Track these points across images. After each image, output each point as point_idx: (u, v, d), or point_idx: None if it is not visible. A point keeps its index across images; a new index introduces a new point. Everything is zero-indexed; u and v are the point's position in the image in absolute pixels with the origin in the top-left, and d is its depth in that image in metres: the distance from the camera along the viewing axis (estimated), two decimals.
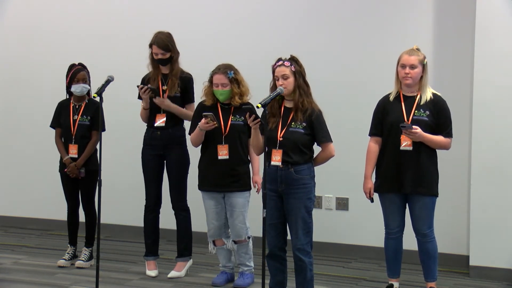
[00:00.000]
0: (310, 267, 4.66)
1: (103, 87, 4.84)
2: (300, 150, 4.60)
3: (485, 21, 5.59)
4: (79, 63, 5.84)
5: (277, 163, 4.59)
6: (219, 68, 5.15)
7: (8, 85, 7.53)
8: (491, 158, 5.60)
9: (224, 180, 5.14)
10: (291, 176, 4.59)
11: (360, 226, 6.23)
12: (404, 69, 4.85)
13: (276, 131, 4.62)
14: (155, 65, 5.52)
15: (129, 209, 6.89)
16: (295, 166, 4.58)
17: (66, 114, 5.79)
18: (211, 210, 5.25)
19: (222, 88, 5.12)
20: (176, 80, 5.47)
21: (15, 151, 7.50)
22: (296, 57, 4.72)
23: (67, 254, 5.88)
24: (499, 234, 5.59)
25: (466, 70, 5.90)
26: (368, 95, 5.68)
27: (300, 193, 4.59)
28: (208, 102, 5.20)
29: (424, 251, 4.95)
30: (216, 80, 5.13)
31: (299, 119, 4.60)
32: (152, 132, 5.55)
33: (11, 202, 7.50)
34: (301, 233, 4.59)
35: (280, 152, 4.58)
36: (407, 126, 4.72)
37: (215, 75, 5.14)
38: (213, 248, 5.38)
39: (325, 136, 4.66)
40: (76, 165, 5.69)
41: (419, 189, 4.84)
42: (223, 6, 6.76)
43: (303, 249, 4.62)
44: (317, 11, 6.44)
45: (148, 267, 5.65)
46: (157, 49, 5.43)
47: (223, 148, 5.11)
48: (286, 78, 4.61)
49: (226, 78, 5.11)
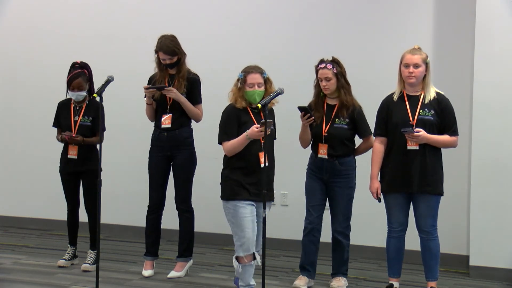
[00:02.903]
0: (347, 248, 5.23)
1: (103, 87, 4.83)
2: (344, 144, 5.11)
3: (485, 21, 5.60)
4: (80, 62, 5.80)
5: (323, 156, 5.10)
6: (253, 68, 4.79)
7: (8, 85, 7.53)
8: (491, 158, 5.60)
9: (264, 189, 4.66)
10: (336, 167, 5.11)
11: (360, 226, 6.21)
12: (408, 68, 4.86)
13: (321, 127, 5.10)
14: (161, 67, 5.52)
15: (129, 209, 6.90)
16: (339, 158, 5.09)
17: (66, 115, 5.77)
18: (248, 219, 4.68)
19: (259, 88, 4.74)
20: (183, 81, 5.47)
21: (15, 151, 7.50)
22: (337, 59, 5.13)
23: (67, 254, 5.88)
24: (499, 234, 5.59)
25: (466, 70, 5.91)
26: (368, 95, 5.67)
27: (343, 182, 5.13)
28: (240, 105, 4.74)
29: (427, 250, 4.96)
30: (251, 80, 4.72)
31: (342, 116, 5.09)
32: (159, 133, 5.55)
33: (11, 202, 7.50)
34: (342, 218, 5.17)
35: (326, 146, 5.09)
36: (409, 130, 4.73)
37: (250, 74, 4.74)
38: (239, 266, 4.80)
39: (366, 130, 5.16)
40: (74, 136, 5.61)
41: (426, 188, 4.86)
42: (223, 6, 6.76)
43: (342, 232, 5.19)
44: (317, 11, 6.44)
45: (144, 267, 5.65)
46: (164, 55, 5.43)
47: (263, 155, 4.67)
48: (329, 80, 5.07)
49: (261, 77, 4.76)
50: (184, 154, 5.53)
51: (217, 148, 6.48)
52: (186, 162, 5.55)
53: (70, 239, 5.92)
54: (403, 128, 4.77)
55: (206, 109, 5.82)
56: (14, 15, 7.46)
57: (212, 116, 5.59)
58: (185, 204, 5.59)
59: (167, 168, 5.60)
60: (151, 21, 6.87)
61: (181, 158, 5.53)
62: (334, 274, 5.29)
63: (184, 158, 5.54)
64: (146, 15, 6.95)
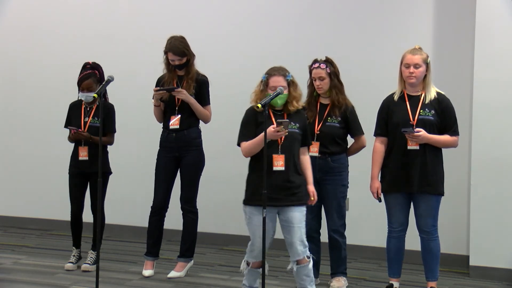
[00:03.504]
0: (344, 246, 5.22)
1: (103, 87, 4.83)
2: (336, 142, 5.15)
3: (485, 21, 5.60)
4: (92, 62, 5.75)
5: (314, 153, 5.07)
6: (277, 70, 4.67)
7: (8, 85, 7.52)
8: (491, 158, 5.60)
9: (280, 194, 4.58)
10: (328, 165, 5.13)
11: (360, 226, 6.23)
12: (408, 68, 4.86)
13: (313, 125, 5.13)
14: (170, 68, 5.50)
15: (129, 209, 6.90)
16: (332, 156, 5.12)
17: (77, 116, 5.73)
18: (260, 227, 4.51)
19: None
20: (192, 83, 5.46)
21: (15, 151, 7.49)
22: (330, 59, 5.17)
23: (73, 257, 5.80)
24: (499, 234, 5.59)
25: (466, 70, 5.90)
26: (368, 95, 5.69)
27: (336, 180, 5.15)
28: (261, 108, 4.57)
29: (427, 250, 4.96)
30: (273, 83, 4.61)
31: (335, 115, 5.13)
32: (168, 134, 5.54)
33: (11, 202, 7.50)
34: (336, 216, 5.15)
35: (318, 144, 5.11)
36: (409, 130, 4.73)
37: (273, 77, 4.62)
38: (246, 268, 4.74)
39: (358, 129, 5.20)
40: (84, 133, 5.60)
41: (426, 188, 4.86)
42: (223, 6, 6.76)
43: (337, 230, 5.18)
44: (317, 11, 6.44)
45: (145, 267, 5.64)
46: (173, 56, 5.41)
47: (279, 158, 4.59)
48: (322, 79, 5.12)
49: (284, 80, 4.63)
50: (193, 155, 5.53)
51: (219, 149, 6.52)
52: (194, 162, 5.54)
53: (74, 241, 5.86)
54: (404, 128, 4.77)
55: None
56: (14, 15, 7.46)
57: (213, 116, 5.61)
58: (190, 204, 5.58)
59: (174, 169, 5.59)
60: (151, 21, 6.87)
61: (189, 159, 5.52)
62: (334, 274, 5.29)
63: (193, 159, 5.53)
64: (146, 15, 6.95)
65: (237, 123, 4.73)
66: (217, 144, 6.43)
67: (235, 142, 4.72)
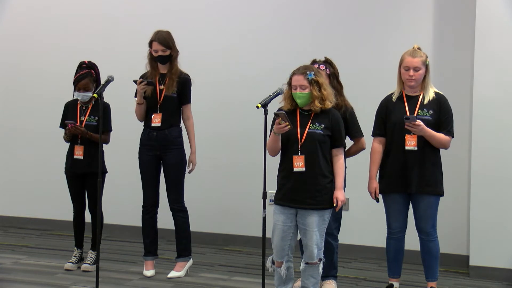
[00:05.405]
0: (336, 250, 5.10)
1: (103, 87, 4.83)
2: None
3: (485, 21, 5.60)
4: (88, 61, 5.75)
5: None
6: (298, 69, 4.62)
7: (8, 85, 7.52)
8: (491, 158, 5.60)
9: (298, 195, 4.54)
10: None
11: (360, 226, 6.23)
12: (408, 71, 4.84)
13: None
14: (153, 64, 5.48)
15: (129, 209, 6.88)
16: None
17: (73, 115, 5.73)
18: (278, 226, 4.58)
19: (301, 91, 4.54)
20: (175, 79, 5.44)
21: (15, 151, 7.49)
22: (330, 59, 5.05)
23: (73, 257, 5.80)
24: (499, 234, 5.59)
25: (466, 70, 5.90)
26: (368, 95, 5.68)
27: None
28: (286, 107, 4.61)
29: (426, 251, 4.96)
30: (294, 82, 4.56)
31: None
32: (149, 132, 5.53)
33: (11, 202, 7.49)
34: (331, 219, 4.84)
35: None
36: (411, 118, 4.70)
37: (294, 76, 4.58)
38: (271, 266, 4.69)
39: (357, 131, 5.07)
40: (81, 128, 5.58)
41: (425, 188, 4.85)
42: (224, 7, 6.76)
43: (331, 233, 5.01)
44: (317, 12, 6.44)
45: (145, 267, 5.64)
46: (158, 45, 5.40)
47: (299, 159, 4.53)
48: None
49: (305, 79, 4.54)
50: (174, 154, 5.51)
51: (219, 149, 6.51)
52: (176, 162, 5.52)
53: (76, 241, 5.87)
54: (406, 116, 4.72)
55: (205, 109, 5.83)
56: (14, 15, 7.45)
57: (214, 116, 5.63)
58: (178, 204, 5.57)
59: (157, 167, 5.57)
60: (151, 21, 6.84)
61: (171, 158, 5.50)
62: (325, 277, 5.14)
63: (174, 158, 5.51)
64: (146, 15, 6.94)
65: (237, 123, 4.72)
66: (217, 144, 6.43)
67: (238, 142, 4.73)
